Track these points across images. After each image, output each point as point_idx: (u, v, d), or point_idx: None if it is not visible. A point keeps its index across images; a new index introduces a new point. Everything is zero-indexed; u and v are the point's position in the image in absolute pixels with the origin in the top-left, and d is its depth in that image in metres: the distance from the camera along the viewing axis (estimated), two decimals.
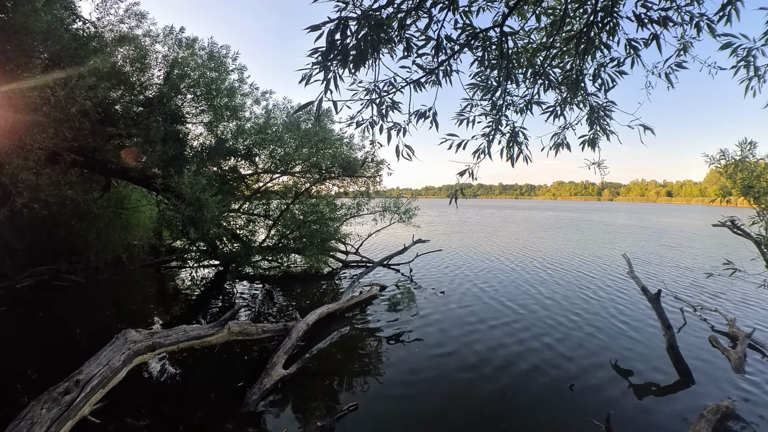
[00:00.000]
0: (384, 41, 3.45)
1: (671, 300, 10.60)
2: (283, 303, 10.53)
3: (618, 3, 3.91)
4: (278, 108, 14.12)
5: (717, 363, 7.07)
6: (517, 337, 8.14)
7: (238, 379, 6.18)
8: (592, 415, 5.24)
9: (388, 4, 3.47)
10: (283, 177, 14.55)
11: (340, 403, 5.56)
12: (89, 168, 11.82)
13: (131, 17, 11.38)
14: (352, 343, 7.76)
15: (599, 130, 4.64)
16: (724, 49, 3.85)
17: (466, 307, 10.16)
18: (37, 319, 8.93)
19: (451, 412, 5.43)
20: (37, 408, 4.03)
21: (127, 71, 11.17)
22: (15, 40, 8.07)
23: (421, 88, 4.18)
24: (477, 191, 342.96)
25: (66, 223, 12.27)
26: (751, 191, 7.01)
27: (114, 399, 5.07)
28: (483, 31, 4.05)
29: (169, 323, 8.70)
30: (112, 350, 5.13)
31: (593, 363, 6.97)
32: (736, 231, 7.78)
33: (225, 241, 12.86)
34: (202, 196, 9.66)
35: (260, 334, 7.30)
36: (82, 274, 12.22)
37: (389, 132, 4.06)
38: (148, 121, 11.00)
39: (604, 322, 9.09)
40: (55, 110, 8.10)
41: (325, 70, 3.32)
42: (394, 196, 17.69)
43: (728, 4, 3.68)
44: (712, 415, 5.07)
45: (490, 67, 4.42)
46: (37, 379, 6.17)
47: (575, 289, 12.16)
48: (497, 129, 4.47)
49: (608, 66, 4.47)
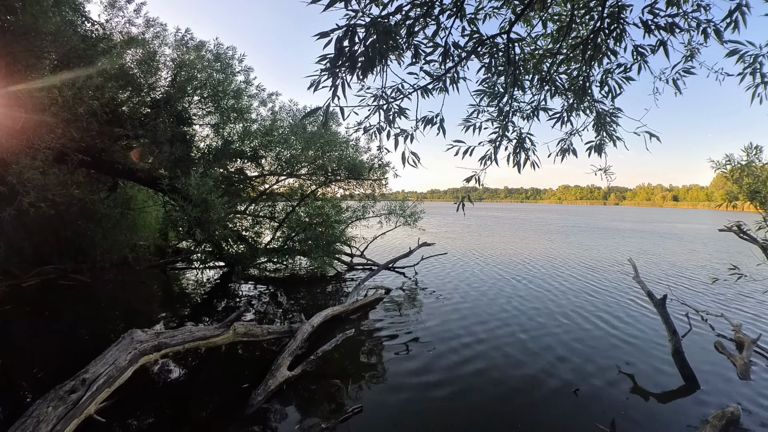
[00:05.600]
0: (392, 48, 3.47)
1: (677, 305, 10.54)
2: (288, 305, 10.56)
3: (625, 9, 3.92)
4: (284, 110, 14.20)
5: (722, 368, 7.03)
6: (522, 341, 8.13)
7: (242, 380, 6.21)
8: (596, 420, 5.23)
9: (397, 12, 3.50)
10: (289, 179, 14.63)
11: (344, 405, 5.57)
12: (96, 168, 11.92)
13: (139, 19, 11.49)
14: (357, 345, 7.77)
15: (606, 137, 4.64)
16: (730, 56, 3.84)
17: (471, 311, 10.15)
18: (43, 318, 9.00)
19: (455, 415, 5.43)
20: (44, 406, 4.06)
21: (134, 73, 11.26)
22: (24, 41, 8.15)
23: (428, 95, 4.21)
24: (482, 195, 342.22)
25: (73, 222, 12.36)
26: (758, 196, 6.98)
27: (120, 398, 5.10)
28: (490, 37, 4.07)
29: (175, 324, 8.74)
30: (119, 350, 5.16)
31: (598, 367, 6.94)
32: (743, 236, 7.75)
33: (231, 243, 12.92)
34: (209, 198, 9.72)
35: (265, 336, 7.32)
36: (89, 273, 12.29)
37: (396, 138, 4.08)
38: (155, 123, 11.09)
39: (609, 326, 9.05)
40: (63, 110, 8.19)
41: (334, 76, 3.35)
42: (399, 199, 17.70)
43: (735, 10, 3.68)
44: (718, 420, 5.05)
45: (496, 74, 4.44)
46: (44, 377, 6.22)
47: (579, 294, 12.12)
48: (504, 135, 4.48)
49: (615, 72, 4.48)
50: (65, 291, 11.04)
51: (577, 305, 10.78)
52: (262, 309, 10.14)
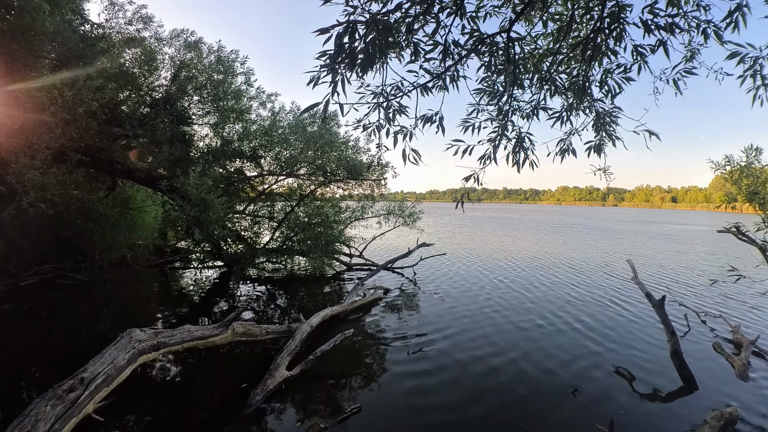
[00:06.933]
0: (392, 45, 3.47)
1: (675, 306, 10.55)
2: (287, 305, 10.55)
3: (625, 9, 3.92)
4: (284, 111, 14.19)
5: (721, 369, 7.04)
6: (520, 342, 8.13)
7: (241, 379, 6.20)
8: (595, 420, 5.23)
9: (396, 9, 3.50)
10: (288, 179, 14.59)
11: (343, 405, 5.56)
12: (95, 168, 11.91)
13: (139, 20, 11.45)
14: (356, 345, 7.77)
15: (605, 136, 4.64)
16: (731, 59, 3.84)
17: (469, 311, 10.15)
18: (41, 317, 8.98)
19: (454, 416, 5.43)
20: (42, 405, 4.06)
21: (134, 72, 11.25)
22: (23, 40, 8.14)
23: (428, 93, 4.21)
24: (481, 195, 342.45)
25: (72, 222, 12.35)
26: (757, 197, 6.99)
27: (118, 397, 5.09)
28: (490, 36, 4.07)
29: (174, 323, 8.72)
30: (117, 349, 5.16)
31: (596, 368, 6.94)
32: (741, 237, 7.75)
33: (230, 243, 12.90)
34: (208, 197, 9.70)
35: (264, 336, 7.31)
36: (87, 273, 12.29)
37: (396, 136, 4.07)
38: (154, 122, 11.07)
39: (608, 327, 9.05)
40: (63, 110, 8.17)
41: (333, 72, 3.34)
42: (398, 199, 17.69)
43: (735, 10, 3.68)
44: (716, 421, 5.05)
45: (496, 73, 4.43)
46: (42, 376, 6.21)
47: (578, 294, 12.12)
48: (503, 134, 4.48)
49: (615, 72, 4.48)
50: (64, 290, 11.02)
51: (574, 306, 10.78)
52: (260, 309, 10.13)
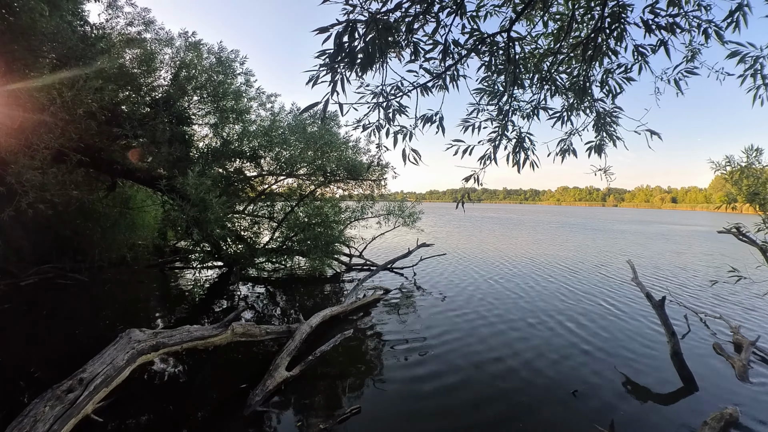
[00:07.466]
0: (392, 44, 3.46)
1: (675, 307, 10.54)
2: (287, 305, 10.54)
3: (626, 9, 3.91)
4: (284, 111, 14.18)
5: (721, 370, 7.03)
6: (521, 342, 8.12)
7: (241, 380, 6.18)
8: (595, 421, 5.22)
9: (396, 8, 3.49)
10: (287, 179, 14.58)
11: (342, 406, 5.55)
12: (95, 168, 11.90)
13: (139, 21, 11.44)
14: (356, 346, 7.75)
15: (606, 137, 4.63)
16: (731, 58, 3.83)
17: (469, 311, 10.13)
18: (41, 317, 8.97)
19: (453, 416, 5.41)
20: (41, 405, 4.04)
21: (134, 73, 11.23)
22: (22, 40, 8.13)
23: (428, 92, 4.19)
24: (481, 196, 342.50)
25: (71, 222, 12.35)
26: (757, 198, 6.97)
27: (117, 398, 5.07)
28: (490, 36, 4.06)
29: (173, 323, 8.71)
30: (116, 349, 5.14)
31: (597, 369, 6.93)
32: (741, 238, 7.74)
33: (229, 243, 12.90)
34: (207, 197, 9.69)
35: (264, 336, 7.29)
36: (87, 273, 12.27)
37: (395, 136, 4.06)
38: (154, 122, 11.07)
39: (608, 327, 9.04)
40: (62, 111, 8.15)
41: (333, 72, 3.33)
42: (398, 199, 17.68)
43: (736, 10, 3.67)
44: (716, 422, 5.04)
45: (496, 72, 4.42)
46: (41, 376, 6.19)
47: (579, 295, 12.11)
48: (503, 134, 4.47)
49: (616, 72, 4.47)
50: (63, 290, 11.01)
51: (573, 307, 10.76)
52: (260, 309, 10.11)
